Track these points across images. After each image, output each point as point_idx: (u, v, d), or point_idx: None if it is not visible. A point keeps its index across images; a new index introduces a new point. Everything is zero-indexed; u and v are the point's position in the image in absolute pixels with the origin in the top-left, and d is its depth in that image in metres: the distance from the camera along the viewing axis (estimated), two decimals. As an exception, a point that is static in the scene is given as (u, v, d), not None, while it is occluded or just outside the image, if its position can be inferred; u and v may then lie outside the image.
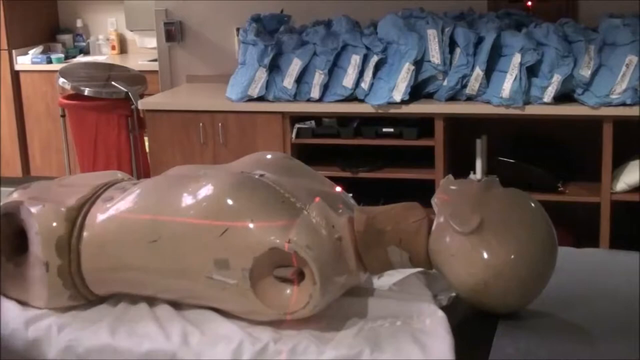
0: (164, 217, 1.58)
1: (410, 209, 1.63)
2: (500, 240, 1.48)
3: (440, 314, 1.52)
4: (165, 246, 1.57)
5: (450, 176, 1.67)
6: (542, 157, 3.52)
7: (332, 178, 1.87)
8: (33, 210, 1.67)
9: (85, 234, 1.66)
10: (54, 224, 1.65)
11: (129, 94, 4.22)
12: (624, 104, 3.29)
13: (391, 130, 3.61)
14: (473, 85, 3.47)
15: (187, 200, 1.59)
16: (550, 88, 3.34)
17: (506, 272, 1.48)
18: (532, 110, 3.40)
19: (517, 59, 3.37)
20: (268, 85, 3.67)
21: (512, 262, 1.48)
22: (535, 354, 1.43)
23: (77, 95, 4.39)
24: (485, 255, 1.48)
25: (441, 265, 1.56)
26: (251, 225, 1.52)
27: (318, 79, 3.61)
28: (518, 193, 1.58)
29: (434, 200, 1.62)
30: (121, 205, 1.65)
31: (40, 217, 1.66)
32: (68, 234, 1.66)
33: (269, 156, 1.81)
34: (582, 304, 1.64)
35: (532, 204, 1.56)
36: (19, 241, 1.72)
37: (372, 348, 1.45)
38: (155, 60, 4.73)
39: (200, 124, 3.78)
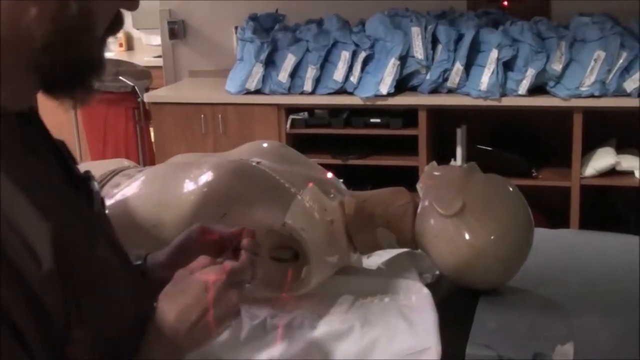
0: (167, 201, 1.55)
1: (397, 193, 1.60)
2: (481, 222, 1.46)
3: (426, 290, 1.50)
4: (168, 229, 1.54)
5: (434, 163, 1.64)
6: (518, 145, 3.52)
7: (324, 165, 1.85)
8: (45, 195, 1.64)
9: (93, 217, 1.62)
10: (65, 209, 1.62)
11: (136, 87, 4.19)
12: (592, 96, 3.28)
13: (378, 120, 3.59)
14: (454, 79, 3.45)
15: (188, 186, 1.56)
16: (524, 81, 3.33)
17: (487, 251, 1.46)
18: (508, 101, 3.39)
19: (494, 54, 3.35)
20: (264, 79, 3.64)
21: (493, 242, 1.46)
22: (514, 327, 1.41)
23: (87, 89, 4.36)
24: (467, 236, 1.46)
25: (426, 245, 1.54)
26: (248, 209, 1.49)
27: (311, 73, 3.59)
28: (497, 178, 1.56)
29: (419, 185, 1.60)
30: (127, 190, 1.62)
31: (52, 202, 1.62)
32: (78, 217, 1.62)
33: (265, 145, 1.78)
34: (557, 280, 1.63)
35: (510, 188, 1.54)
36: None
37: (362, 322, 1.43)
38: (159, 56, 4.70)
39: (202, 116, 3.75)
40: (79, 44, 0.82)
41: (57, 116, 5.35)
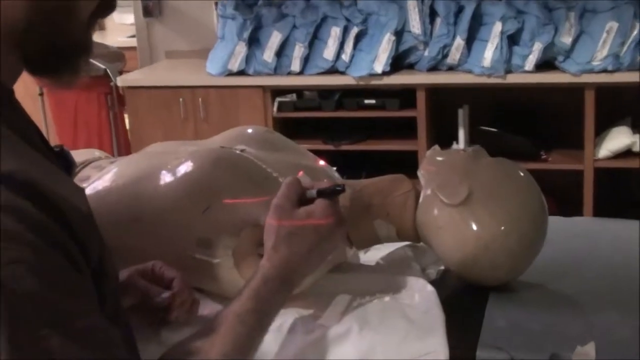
0: (144, 195, 1.52)
1: (397, 181, 1.58)
2: (489, 212, 1.44)
3: (430, 288, 1.47)
4: (146, 225, 1.51)
5: (437, 147, 1.62)
6: (524, 125, 3.51)
7: (314, 151, 1.82)
8: (8, 191, 1.60)
9: (62, 214, 1.59)
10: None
11: (108, 71, 4.15)
12: (605, 71, 3.27)
13: (373, 101, 3.58)
14: (454, 55, 3.44)
15: (166, 177, 1.52)
16: (531, 56, 3.32)
17: (496, 243, 1.44)
18: (513, 78, 3.37)
19: (497, 27, 3.33)
20: (248, 59, 3.62)
21: (503, 234, 1.43)
22: (527, 325, 1.40)
23: (55, 73, 4.33)
24: (475, 227, 1.43)
25: (429, 238, 1.52)
26: (233, 202, 1.47)
27: (298, 51, 3.57)
28: (507, 163, 1.54)
29: (421, 172, 1.58)
30: (98, 184, 1.58)
31: (16, 199, 1.59)
32: (44, 215, 1.59)
33: (249, 130, 1.75)
34: (571, 273, 1.62)
35: (522, 174, 1.52)
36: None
37: (361, 324, 1.41)
38: (133, 36, 4.67)
39: (181, 100, 3.73)
40: (61, 26, 0.88)
41: (23, 103, 5.31)
